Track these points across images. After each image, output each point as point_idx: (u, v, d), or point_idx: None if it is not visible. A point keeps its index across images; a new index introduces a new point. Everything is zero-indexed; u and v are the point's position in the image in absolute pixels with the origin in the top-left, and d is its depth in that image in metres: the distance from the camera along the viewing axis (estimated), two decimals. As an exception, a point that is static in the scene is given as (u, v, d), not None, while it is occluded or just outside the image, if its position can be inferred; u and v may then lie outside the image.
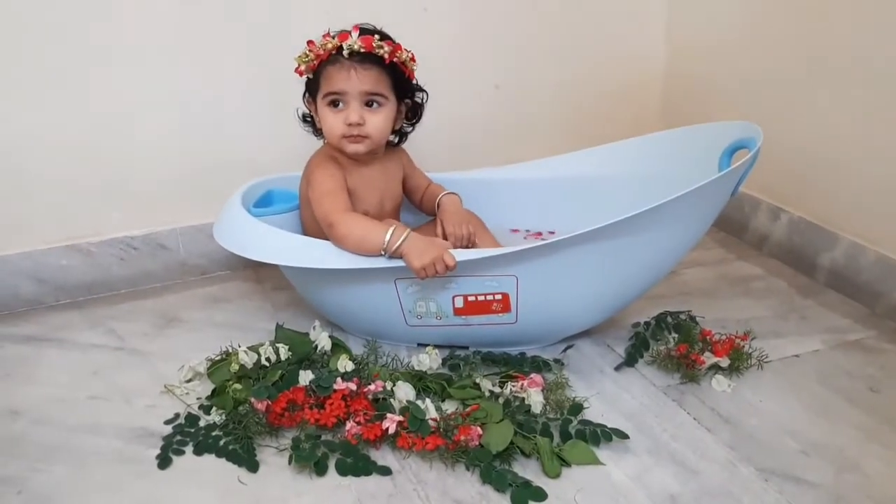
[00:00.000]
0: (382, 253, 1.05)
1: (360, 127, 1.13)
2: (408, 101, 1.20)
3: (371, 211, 1.20)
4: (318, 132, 1.22)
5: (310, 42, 1.12)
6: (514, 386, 1.03)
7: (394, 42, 1.13)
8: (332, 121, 1.13)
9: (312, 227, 1.19)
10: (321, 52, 1.10)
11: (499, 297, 1.09)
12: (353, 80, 1.10)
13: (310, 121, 1.23)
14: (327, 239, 1.10)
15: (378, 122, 1.14)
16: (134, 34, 1.29)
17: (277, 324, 1.20)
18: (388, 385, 1.03)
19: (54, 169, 1.32)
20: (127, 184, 1.37)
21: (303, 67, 1.14)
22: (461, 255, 1.05)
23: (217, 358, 1.13)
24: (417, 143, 1.31)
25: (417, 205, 1.32)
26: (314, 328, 1.17)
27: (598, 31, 1.62)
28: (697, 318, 1.22)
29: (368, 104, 1.13)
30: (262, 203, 1.26)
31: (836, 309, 1.29)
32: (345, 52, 1.09)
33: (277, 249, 1.12)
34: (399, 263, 1.05)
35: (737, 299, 1.33)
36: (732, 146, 1.15)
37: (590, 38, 1.62)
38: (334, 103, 1.13)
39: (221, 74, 1.37)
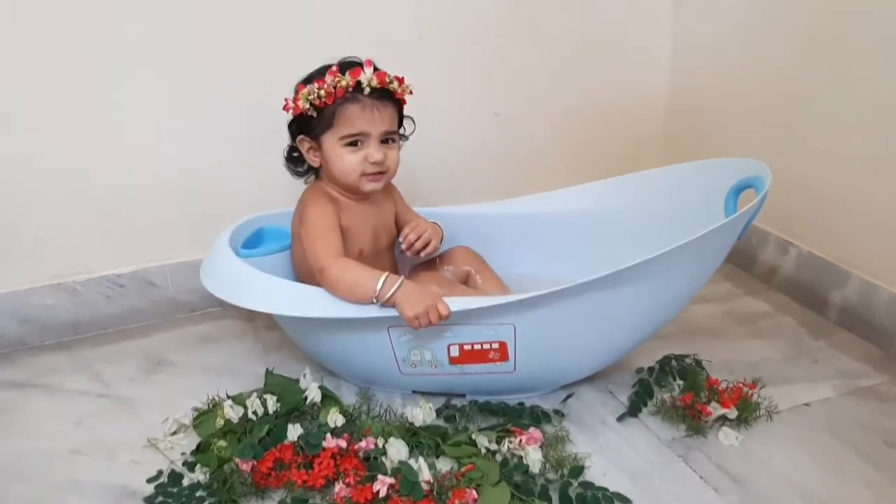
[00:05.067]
0: (374, 301, 1.01)
1: (382, 164, 1.11)
2: (402, 129, 1.18)
3: (366, 248, 1.17)
4: (302, 173, 1.18)
5: (319, 80, 1.07)
6: (511, 443, 0.99)
7: (397, 76, 1.11)
8: (351, 160, 1.10)
9: (304, 264, 1.15)
10: (333, 89, 1.06)
11: (496, 345, 1.05)
12: (377, 122, 1.09)
13: (295, 160, 1.17)
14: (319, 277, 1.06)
15: (395, 157, 1.14)
16: (124, 70, 1.25)
17: (267, 369, 1.16)
18: (380, 442, 0.99)
19: (39, 206, 1.28)
20: (114, 220, 1.33)
21: (306, 105, 1.07)
22: (456, 303, 1.01)
23: (204, 408, 1.09)
24: (415, 173, 1.26)
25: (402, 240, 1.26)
26: (304, 376, 1.12)
27: (599, 59, 1.57)
28: (703, 363, 1.17)
29: (385, 141, 1.11)
30: (253, 242, 1.22)
31: (848, 351, 1.24)
32: (366, 90, 1.06)
33: (265, 296, 1.08)
34: (392, 312, 1.01)
35: (744, 340, 1.28)
36: (739, 185, 1.11)
37: (591, 66, 1.57)
38: (353, 143, 1.10)
39: (212, 111, 1.32)
